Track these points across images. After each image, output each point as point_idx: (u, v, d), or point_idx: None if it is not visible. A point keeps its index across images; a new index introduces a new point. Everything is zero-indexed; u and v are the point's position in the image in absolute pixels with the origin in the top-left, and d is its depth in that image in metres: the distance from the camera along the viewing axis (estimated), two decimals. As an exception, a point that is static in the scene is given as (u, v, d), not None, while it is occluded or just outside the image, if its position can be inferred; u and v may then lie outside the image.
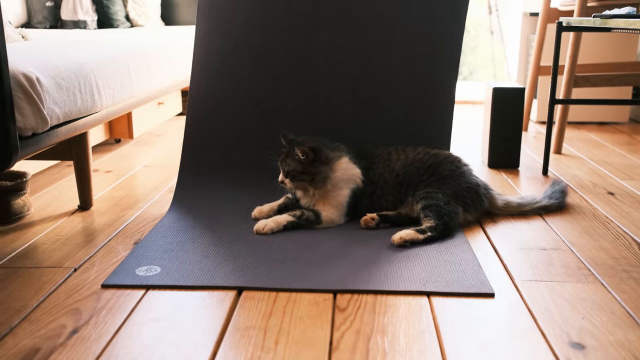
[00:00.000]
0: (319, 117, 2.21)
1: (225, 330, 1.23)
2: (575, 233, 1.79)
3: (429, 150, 1.95)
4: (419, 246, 1.65)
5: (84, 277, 1.49)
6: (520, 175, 2.45)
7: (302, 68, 2.20)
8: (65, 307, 1.33)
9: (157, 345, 1.18)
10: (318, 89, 2.21)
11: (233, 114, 2.21)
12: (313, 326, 1.25)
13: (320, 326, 1.25)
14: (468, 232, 1.80)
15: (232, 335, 1.21)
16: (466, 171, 1.90)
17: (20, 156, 1.53)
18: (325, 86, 2.21)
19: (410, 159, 1.90)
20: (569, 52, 2.82)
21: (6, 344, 1.17)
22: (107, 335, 1.21)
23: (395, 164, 1.89)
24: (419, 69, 2.20)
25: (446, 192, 1.80)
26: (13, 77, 1.53)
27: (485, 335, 1.22)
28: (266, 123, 2.21)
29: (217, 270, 1.51)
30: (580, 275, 1.51)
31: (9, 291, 1.41)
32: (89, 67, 1.92)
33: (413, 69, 2.20)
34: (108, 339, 1.20)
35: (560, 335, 1.22)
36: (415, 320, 1.28)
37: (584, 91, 3.41)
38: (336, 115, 2.21)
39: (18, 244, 1.70)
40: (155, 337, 1.20)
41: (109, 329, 1.24)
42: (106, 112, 2.04)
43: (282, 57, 2.20)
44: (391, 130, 2.19)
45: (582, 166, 2.59)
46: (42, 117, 1.60)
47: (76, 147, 1.97)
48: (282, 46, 2.19)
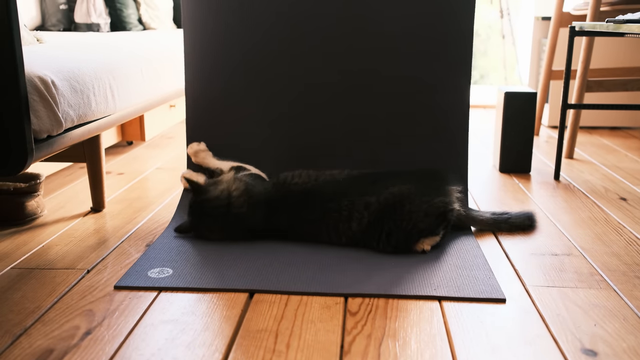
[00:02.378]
0: (315, 125, 2.09)
1: (237, 333, 1.24)
2: (587, 239, 1.79)
3: None
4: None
5: (97, 278, 1.50)
6: (532, 179, 2.44)
7: (300, 72, 2.08)
8: (78, 308, 1.34)
9: (169, 347, 1.18)
10: (317, 95, 2.08)
11: (233, 115, 2.11)
12: (324, 330, 1.25)
13: (332, 330, 1.25)
14: (479, 237, 1.79)
15: (244, 338, 1.22)
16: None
17: (35, 158, 1.55)
18: (324, 92, 2.09)
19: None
20: (582, 56, 2.81)
21: (21, 344, 1.18)
22: (120, 336, 1.22)
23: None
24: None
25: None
26: (28, 79, 1.55)
27: (496, 341, 1.21)
28: (266, 127, 2.10)
29: (228, 272, 1.51)
30: (593, 281, 1.50)
31: (23, 292, 1.42)
32: (103, 70, 1.93)
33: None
34: (121, 340, 1.21)
35: (572, 341, 1.21)
36: (427, 325, 1.28)
37: (596, 96, 3.39)
38: (334, 122, 2.08)
39: (32, 245, 1.72)
40: (168, 339, 1.21)
41: (121, 330, 1.25)
42: (119, 115, 2.05)
43: (278, 61, 2.08)
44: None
45: (594, 171, 2.58)
46: (57, 120, 1.62)
47: (89, 149, 1.99)
48: (280, 51, 2.07)
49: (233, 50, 2.06)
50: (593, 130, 3.52)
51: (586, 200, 2.17)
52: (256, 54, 2.06)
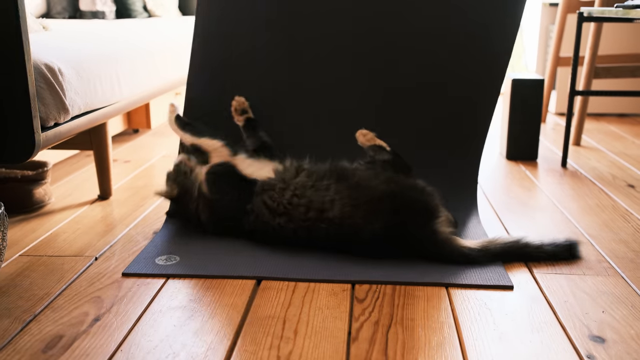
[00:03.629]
0: (328, 127, 1.95)
1: (245, 320, 1.24)
2: (595, 226, 1.78)
3: None
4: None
5: (104, 265, 1.51)
6: (539, 167, 2.43)
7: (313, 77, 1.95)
8: (87, 295, 1.35)
9: (177, 333, 1.19)
10: (329, 99, 1.95)
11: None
12: (332, 317, 1.25)
13: (339, 317, 1.25)
14: (486, 224, 1.79)
15: (252, 324, 1.22)
16: None
17: (43, 146, 1.55)
18: (336, 96, 1.95)
19: None
20: (590, 42, 2.79)
21: (30, 331, 1.19)
22: (128, 323, 1.23)
23: None
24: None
25: None
26: (36, 67, 1.55)
27: (504, 328, 1.21)
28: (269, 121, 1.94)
29: (235, 260, 1.52)
30: (600, 268, 1.50)
31: (32, 279, 1.43)
32: (109, 58, 1.93)
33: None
34: (129, 327, 1.21)
35: (580, 328, 1.21)
36: (434, 311, 1.28)
37: (604, 82, 3.37)
38: (346, 123, 1.88)
39: (39, 233, 1.72)
40: (176, 326, 1.22)
41: (130, 317, 1.25)
42: (125, 103, 2.05)
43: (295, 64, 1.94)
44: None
45: (601, 158, 2.57)
46: (64, 107, 1.62)
47: (96, 137, 1.99)
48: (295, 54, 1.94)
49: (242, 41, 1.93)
50: (600, 117, 3.50)
51: (593, 187, 2.16)
52: (266, 53, 1.93)
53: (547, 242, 1.55)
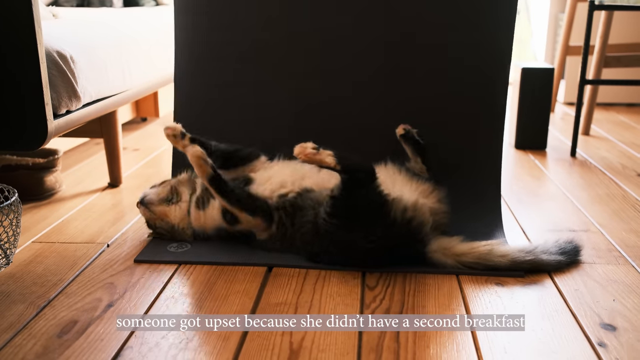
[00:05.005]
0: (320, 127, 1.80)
1: (257, 306, 1.25)
2: (605, 215, 1.78)
3: None
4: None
5: (117, 252, 1.52)
6: (548, 156, 2.43)
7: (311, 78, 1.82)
8: (100, 281, 1.36)
9: (190, 319, 1.20)
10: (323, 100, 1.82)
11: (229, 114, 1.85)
12: (343, 304, 1.26)
13: (351, 304, 1.26)
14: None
15: (264, 310, 1.23)
16: None
17: (55, 133, 1.56)
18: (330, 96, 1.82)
19: None
20: (600, 31, 2.77)
21: (45, 316, 1.21)
22: (141, 309, 1.24)
23: None
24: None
25: None
26: (47, 54, 1.55)
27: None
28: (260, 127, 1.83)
29: (246, 247, 1.52)
30: (611, 257, 1.50)
31: (45, 265, 1.44)
32: (118, 46, 1.93)
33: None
34: (142, 312, 1.22)
35: (591, 316, 1.22)
36: (445, 299, 1.28)
37: (614, 72, 3.35)
38: (337, 115, 1.81)
39: (51, 220, 1.74)
40: (188, 312, 1.23)
41: (143, 303, 1.26)
42: (135, 90, 2.05)
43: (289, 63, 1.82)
44: None
45: (611, 148, 2.56)
46: (75, 95, 1.62)
47: (106, 124, 2.00)
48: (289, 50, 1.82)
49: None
50: (609, 106, 3.48)
51: (603, 176, 2.16)
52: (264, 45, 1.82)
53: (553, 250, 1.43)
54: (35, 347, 1.10)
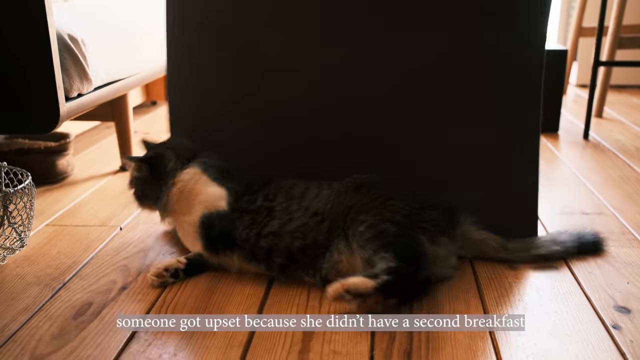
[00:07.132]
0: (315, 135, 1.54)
1: (270, 289, 1.26)
2: (619, 198, 1.77)
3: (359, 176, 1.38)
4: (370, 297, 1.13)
5: (129, 235, 1.52)
6: (560, 139, 2.41)
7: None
8: (113, 263, 1.37)
9: (205, 300, 1.20)
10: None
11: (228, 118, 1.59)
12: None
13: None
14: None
15: (277, 294, 1.24)
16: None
17: (67, 117, 1.56)
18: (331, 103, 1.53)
19: (334, 192, 1.34)
20: (614, 12, 2.73)
21: (60, 298, 1.22)
22: (156, 291, 1.24)
23: (313, 202, 1.32)
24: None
25: (393, 218, 1.24)
26: (59, 37, 1.55)
27: (528, 298, 1.22)
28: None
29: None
30: (625, 240, 1.49)
31: (59, 248, 1.45)
32: (129, 29, 1.93)
33: None
34: (157, 295, 1.23)
35: (605, 299, 1.21)
36: (459, 282, 1.28)
37: (628, 53, 3.31)
38: (337, 124, 1.53)
39: (64, 203, 1.74)
40: (203, 293, 1.23)
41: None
42: (146, 74, 2.05)
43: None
44: None
45: (624, 130, 2.54)
46: (87, 78, 1.62)
47: (117, 108, 2.00)
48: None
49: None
50: (622, 88, 3.45)
51: (616, 159, 2.14)
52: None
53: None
54: (51, 328, 1.11)
